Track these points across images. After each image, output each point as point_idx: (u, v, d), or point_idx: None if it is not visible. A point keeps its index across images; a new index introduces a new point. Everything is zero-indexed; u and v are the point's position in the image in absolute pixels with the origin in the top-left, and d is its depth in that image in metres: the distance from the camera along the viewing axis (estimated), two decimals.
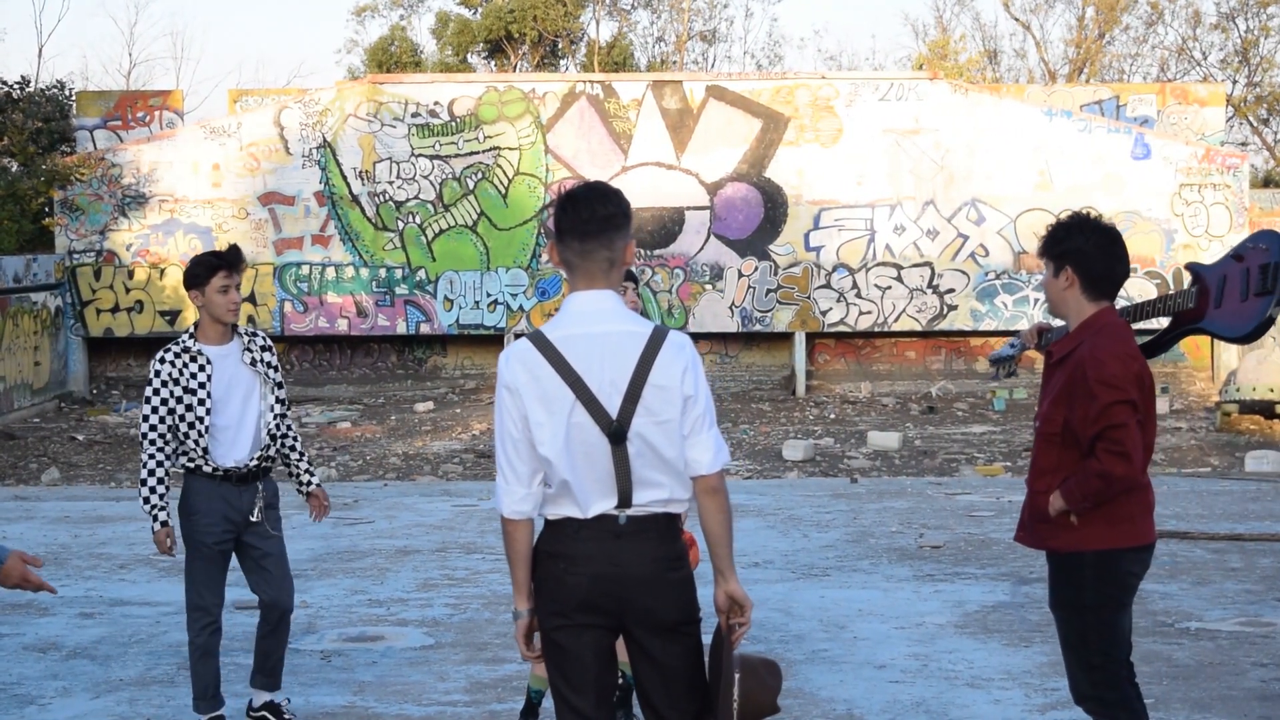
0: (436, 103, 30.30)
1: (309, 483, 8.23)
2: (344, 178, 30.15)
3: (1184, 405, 28.03)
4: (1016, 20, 52.62)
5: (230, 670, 9.21)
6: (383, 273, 30.14)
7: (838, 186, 30.30)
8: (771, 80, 30.92)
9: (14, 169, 30.93)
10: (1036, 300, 29.79)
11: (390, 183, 30.19)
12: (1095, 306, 6.18)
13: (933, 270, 30.29)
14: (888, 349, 31.41)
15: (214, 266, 7.79)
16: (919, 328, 30.51)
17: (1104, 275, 6.17)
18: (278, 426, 7.98)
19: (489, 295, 30.31)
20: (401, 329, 30.38)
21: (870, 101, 30.28)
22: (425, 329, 30.40)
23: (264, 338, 8.10)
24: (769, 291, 30.35)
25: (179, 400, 7.75)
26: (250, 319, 29.97)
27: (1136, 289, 29.56)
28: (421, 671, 9.25)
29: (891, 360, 31.42)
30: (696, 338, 30.95)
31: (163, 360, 7.80)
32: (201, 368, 7.78)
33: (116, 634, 10.22)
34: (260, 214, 30.13)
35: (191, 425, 7.75)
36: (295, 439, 8.20)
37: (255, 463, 7.88)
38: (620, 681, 7.95)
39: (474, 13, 49.27)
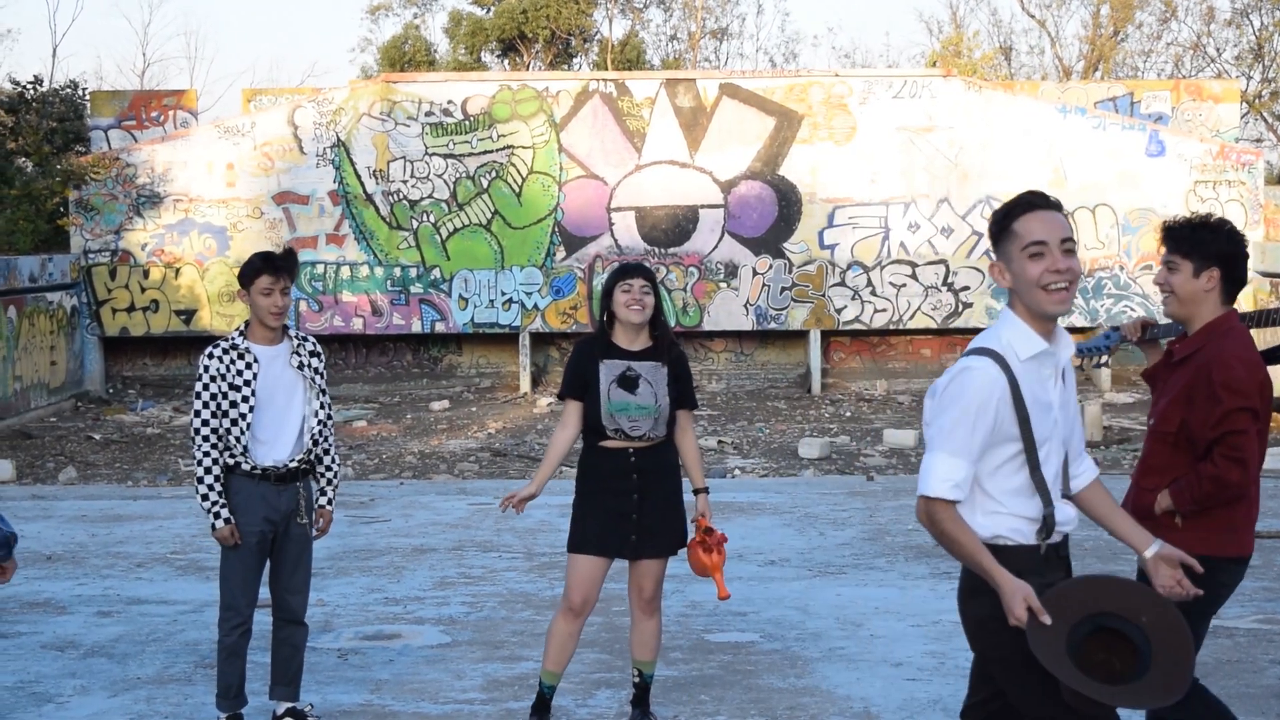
0: (450, 102, 30.32)
1: (325, 499, 8.16)
2: (358, 177, 30.17)
3: None
4: (1032, 17, 52.48)
5: (249, 668, 9.23)
6: (397, 272, 30.15)
7: (852, 184, 30.28)
8: (785, 78, 30.89)
9: (29, 169, 30.98)
10: None
11: (404, 182, 30.21)
12: (1223, 309, 6.15)
13: (948, 268, 30.27)
14: (903, 347, 31.39)
15: (258, 269, 7.81)
16: (934, 325, 30.48)
17: (1241, 280, 6.16)
18: (320, 432, 8.00)
19: (504, 294, 30.31)
20: (416, 328, 30.39)
21: (884, 99, 30.26)
22: (440, 328, 30.41)
23: (314, 343, 8.13)
24: (784, 289, 30.34)
25: (224, 396, 7.78)
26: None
27: (1152, 286, 29.43)
28: (438, 670, 9.27)
29: (907, 358, 31.40)
30: (711, 336, 30.97)
31: (211, 356, 7.83)
32: (249, 365, 7.81)
33: (134, 632, 10.25)
34: (274, 213, 30.15)
35: (234, 422, 7.77)
36: (331, 451, 8.17)
37: (295, 464, 7.90)
38: (637, 680, 7.97)
39: (487, 11, 49.29)
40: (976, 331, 30.50)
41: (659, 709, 8.19)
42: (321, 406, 8.01)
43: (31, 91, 31.82)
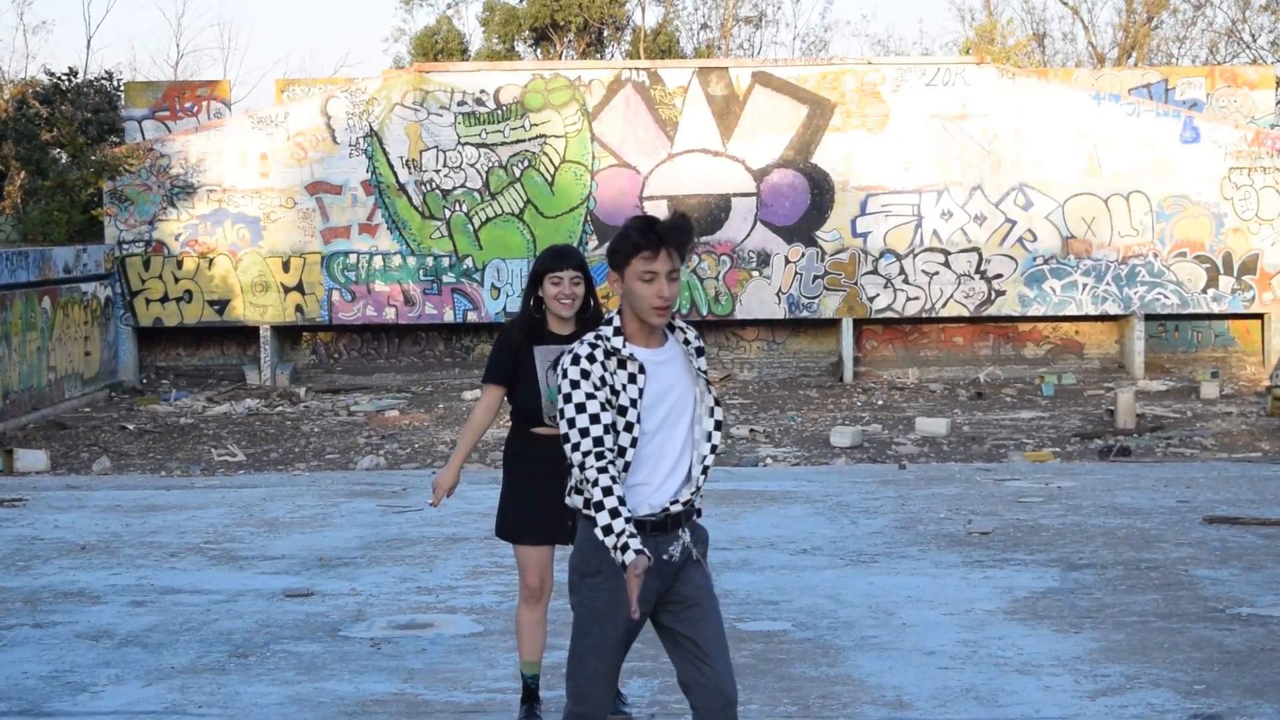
0: (483, 91, 30.34)
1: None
2: (391, 167, 30.22)
3: (1234, 390, 27.87)
4: (1065, 4, 52.26)
5: (282, 657, 9.26)
6: (430, 261, 30.19)
7: (884, 172, 30.22)
8: (818, 66, 30.83)
9: (63, 160, 31.11)
10: (1085, 285, 29.62)
11: (437, 171, 30.25)
12: None
13: (980, 256, 30.19)
14: (935, 335, 31.32)
15: (635, 245, 5.63)
16: (967, 313, 30.41)
17: None
18: (712, 452, 5.81)
19: None
20: (449, 317, 30.43)
21: (917, 87, 30.18)
22: (472, 317, 30.45)
23: (696, 334, 5.89)
24: (816, 278, 30.30)
25: (609, 408, 5.63)
26: (299, 309, 30.07)
27: (1186, 273, 29.40)
28: (471, 659, 9.27)
29: (939, 346, 31.32)
30: (743, 324, 30.95)
31: (577, 359, 5.65)
32: (633, 378, 5.65)
33: (168, 622, 10.28)
34: (307, 203, 30.22)
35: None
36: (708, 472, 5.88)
37: (679, 507, 5.72)
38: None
39: (520, 1, 49.31)
40: (1009, 320, 30.46)
41: None
42: (714, 420, 5.83)
43: (66, 83, 31.97)
